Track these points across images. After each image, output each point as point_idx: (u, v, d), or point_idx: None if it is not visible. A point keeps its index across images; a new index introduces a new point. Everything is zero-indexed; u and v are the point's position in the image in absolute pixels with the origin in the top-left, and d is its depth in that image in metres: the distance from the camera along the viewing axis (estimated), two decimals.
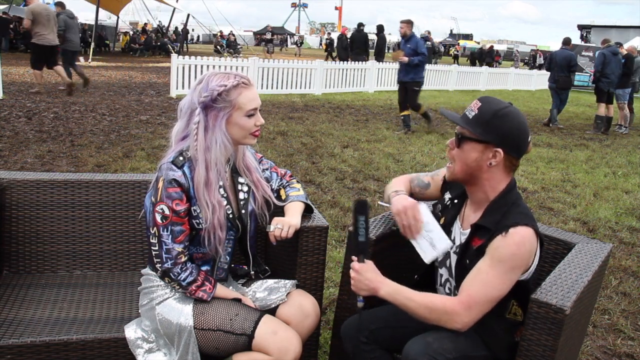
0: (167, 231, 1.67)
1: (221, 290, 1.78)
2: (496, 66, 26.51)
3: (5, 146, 5.85)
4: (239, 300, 1.78)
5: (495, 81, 18.98)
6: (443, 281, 1.74)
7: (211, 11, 76.06)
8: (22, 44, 20.11)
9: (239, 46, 30.55)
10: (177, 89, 11.02)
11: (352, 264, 1.61)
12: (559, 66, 10.37)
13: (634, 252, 4.05)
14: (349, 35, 16.82)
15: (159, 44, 26.68)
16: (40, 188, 2.18)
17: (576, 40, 26.17)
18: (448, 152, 1.62)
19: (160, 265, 1.69)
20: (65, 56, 10.54)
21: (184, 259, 1.70)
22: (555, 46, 38.52)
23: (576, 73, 14.00)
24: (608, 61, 9.74)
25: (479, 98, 1.57)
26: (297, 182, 2.03)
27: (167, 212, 1.66)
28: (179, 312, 1.70)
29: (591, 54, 19.46)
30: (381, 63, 14.87)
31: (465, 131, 1.55)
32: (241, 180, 1.85)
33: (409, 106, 8.54)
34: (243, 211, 1.83)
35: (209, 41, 47.02)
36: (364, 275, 1.58)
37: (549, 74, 11.04)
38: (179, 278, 1.69)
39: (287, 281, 1.88)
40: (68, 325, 1.82)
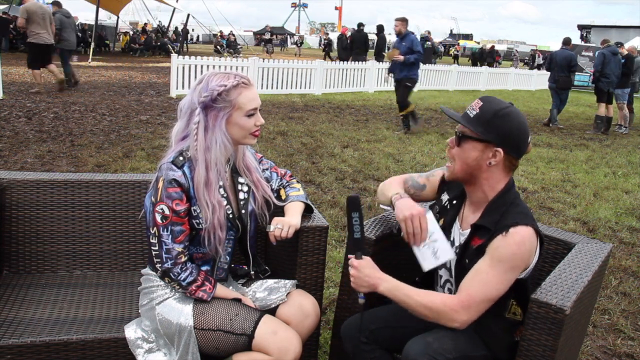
0: (167, 231, 1.67)
1: (221, 290, 1.78)
2: (496, 66, 26.50)
3: (5, 146, 5.85)
4: (239, 300, 1.78)
5: (495, 81, 18.98)
6: (443, 282, 1.74)
7: (211, 11, 76.20)
8: (22, 44, 20.09)
9: (239, 46, 30.56)
10: (177, 89, 11.03)
11: (350, 261, 1.61)
12: (559, 66, 10.37)
13: (634, 252, 4.05)
14: (348, 35, 16.85)
15: (159, 44, 26.68)
16: (40, 188, 2.18)
17: (576, 40, 26.17)
18: (448, 151, 1.62)
19: (160, 265, 1.69)
20: (62, 55, 10.55)
21: (184, 259, 1.70)
22: (555, 46, 38.55)
23: (576, 73, 14.00)
24: (608, 61, 9.74)
25: (481, 97, 1.57)
26: (297, 182, 2.03)
27: (167, 212, 1.66)
28: (179, 312, 1.70)
29: (591, 54, 19.47)
30: (381, 63, 14.87)
31: (466, 130, 1.55)
32: (241, 180, 1.86)
33: (397, 102, 8.41)
34: (243, 211, 1.83)
35: (209, 41, 47.01)
36: (362, 271, 1.58)
37: (549, 74, 11.06)
38: (179, 278, 1.69)
39: (287, 281, 1.88)
40: (68, 325, 1.82)
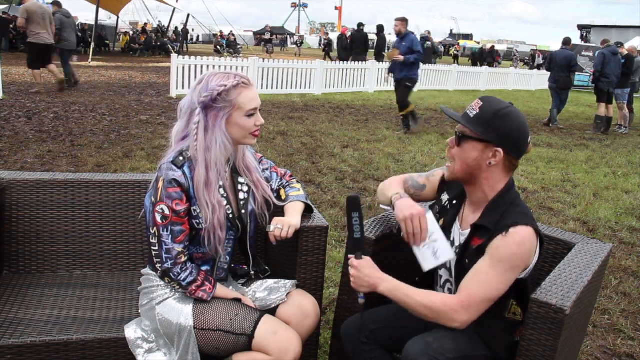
0: (167, 231, 1.67)
1: (221, 290, 1.78)
2: (496, 66, 26.50)
3: (5, 146, 5.85)
4: (239, 300, 1.78)
5: (495, 81, 18.97)
6: (443, 282, 1.74)
7: (211, 11, 76.21)
8: (22, 44, 20.09)
9: (239, 46, 30.55)
10: (177, 89, 11.03)
11: (350, 261, 1.61)
12: (559, 66, 10.37)
13: (634, 252, 4.05)
14: (348, 35, 16.85)
15: (159, 44, 26.67)
16: (40, 188, 2.18)
17: (576, 40, 26.17)
18: (448, 151, 1.62)
19: (160, 265, 1.69)
20: (62, 55, 10.55)
21: (184, 259, 1.70)
22: (555, 46, 38.54)
23: (576, 73, 14.00)
24: (607, 61, 9.74)
25: (481, 97, 1.57)
26: (297, 182, 2.03)
27: (167, 212, 1.66)
28: (179, 312, 1.70)
29: (591, 54, 19.47)
30: (381, 63, 14.87)
31: (466, 130, 1.55)
32: (241, 180, 1.86)
33: (397, 102, 8.39)
34: (243, 211, 1.83)
35: (209, 41, 47.01)
36: (362, 271, 1.58)
37: (549, 74, 11.06)
38: (179, 278, 1.69)
39: (287, 281, 1.88)
40: (68, 325, 1.82)
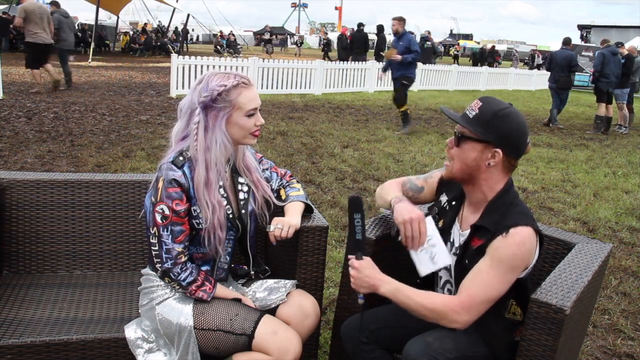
0: (167, 231, 1.67)
1: (221, 290, 1.78)
2: (496, 66, 26.50)
3: (5, 146, 5.85)
4: (239, 300, 1.78)
5: (495, 81, 18.97)
6: (442, 283, 1.74)
7: (211, 11, 76.21)
8: (22, 44, 20.08)
9: (239, 46, 30.55)
10: (177, 89, 11.02)
11: (351, 261, 1.61)
12: (560, 66, 10.37)
13: (634, 252, 4.05)
14: (348, 35, 16.85)
15: (159, 44, 26.67)
16: (40, 188, 2.18)
17: (576, 40, 26.17)
18: (447, 151, 1.62)
19: (160, 265, 1.69)
20: (61, 55, 10.54)
21: (184, 259, 1.70)
22: (555, 46, 38.53)
23: (576, 73, 14.00)
24: (607, 61, 9.74)
25: (480, 98, 1.57)
26: (297, 182, 2.03)
27: (167, 212, 1.66)
28: (179, 312, 1.70)
29: (591, 54, 19.47)
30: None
31: (465, 130, 1.55)
32: (241, 180, 1.86)
33: (394, 99, 8.40)
34: (243, 211, 1.83)
35: (209, 41, 47.00)
36: (363, 272, 1.58)
37: (549, 74, 11.05)
38: (179, 278, 1.69)
39: (287, 281, 1.88)
40: (68, 325, 1.82)
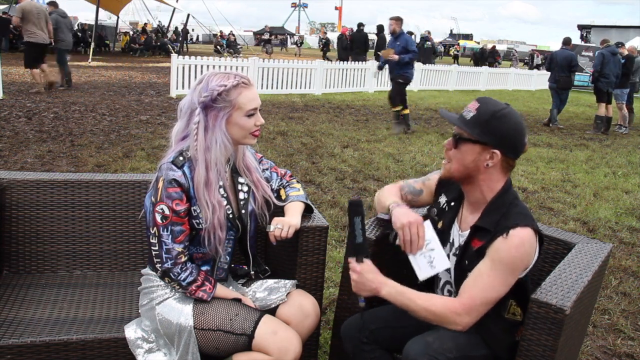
0: (167, 231, 1.67)
1: (221, 290, 1.78)
2: (497, 66, 26.51)
3: (5, 146, 5.85)
4: (239, 300, 1.78)
5: (495, 81, 18.97)
6: (442, 284, 1.74)
7: (211, 11, 76.29)
8: (22, 44, 20.09)
9: (239, 46, 30.56)
10: (177, 89, 11.03)
11: (352, 265, 1.61)
12: (560, 66, 10.37)
13: (634, 252, 4.05)
14: (348, 35, 16.84)
15: (159, 44, 26.68)
16: (40, 188, 2.18)
17: (576, 40, 26.17)
18: (445, 153, 1.62)
19: (160, 265, 1.69)
20: (59, 55, 10.54)
21: (184, 259, 1.70)
22: (555, 46, 38.57)
23: (576, 73, 14.00)
24: (607, 61, 9.74)
25: (477, 99, 1.57)
26: (297, 182, 2.03)
27: (167, 212, 1.66)
28: (179, 312, 1.70)
29: (591, 54, 19.46)
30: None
31: (463, 132, 1.54)
32: (241, 180, 1.86)
33: (389, 96, 8.38)
34: (243, 211, 1.83)
35: (209, 41, 47.00)
36: (364, 275, 1.58)
37: (549, 74, 11.06)
38: (179, 278, 1.69)
39: (287, 281, 1.88)
40: (68, 325, 1.82)
